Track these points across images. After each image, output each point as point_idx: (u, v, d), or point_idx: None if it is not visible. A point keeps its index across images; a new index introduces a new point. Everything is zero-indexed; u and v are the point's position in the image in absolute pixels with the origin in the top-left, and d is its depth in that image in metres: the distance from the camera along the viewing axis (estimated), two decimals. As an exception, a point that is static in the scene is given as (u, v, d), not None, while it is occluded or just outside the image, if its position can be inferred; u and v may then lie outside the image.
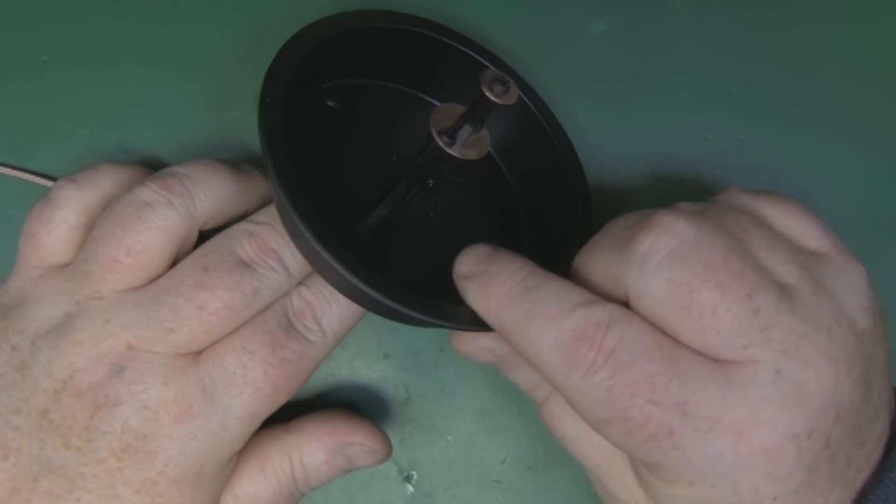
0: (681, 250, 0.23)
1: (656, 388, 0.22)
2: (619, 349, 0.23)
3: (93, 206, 0.29)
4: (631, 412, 0.22)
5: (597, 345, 0.23)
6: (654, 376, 0.22)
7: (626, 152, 0.36)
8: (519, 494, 0.34)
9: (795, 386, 0.22)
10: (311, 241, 0.24)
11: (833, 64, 0.37)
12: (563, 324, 0.23)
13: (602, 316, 0.23)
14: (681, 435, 0.22)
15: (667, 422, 0.22)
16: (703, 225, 0.24)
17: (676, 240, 0.23)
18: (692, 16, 0.37)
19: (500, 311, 0.25)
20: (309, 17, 0.35)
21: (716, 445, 0.22)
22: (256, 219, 0.28)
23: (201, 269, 0.27)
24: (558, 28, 0.37)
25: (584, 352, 0.23)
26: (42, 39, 0.34)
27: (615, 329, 0.23)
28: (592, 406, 0.23)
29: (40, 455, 0.25)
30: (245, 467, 0.28)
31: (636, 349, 0.23)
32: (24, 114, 0.34)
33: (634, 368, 0.22)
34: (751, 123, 0.36)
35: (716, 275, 0.23)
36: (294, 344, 0.27)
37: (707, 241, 0.23)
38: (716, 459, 0.22)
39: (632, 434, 0.23)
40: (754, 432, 0.22)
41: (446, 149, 0.27)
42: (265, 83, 0.27)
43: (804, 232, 0.26)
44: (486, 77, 0.25)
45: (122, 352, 0.26)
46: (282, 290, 0.28)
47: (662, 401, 0.22)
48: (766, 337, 0.22)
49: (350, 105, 0.32)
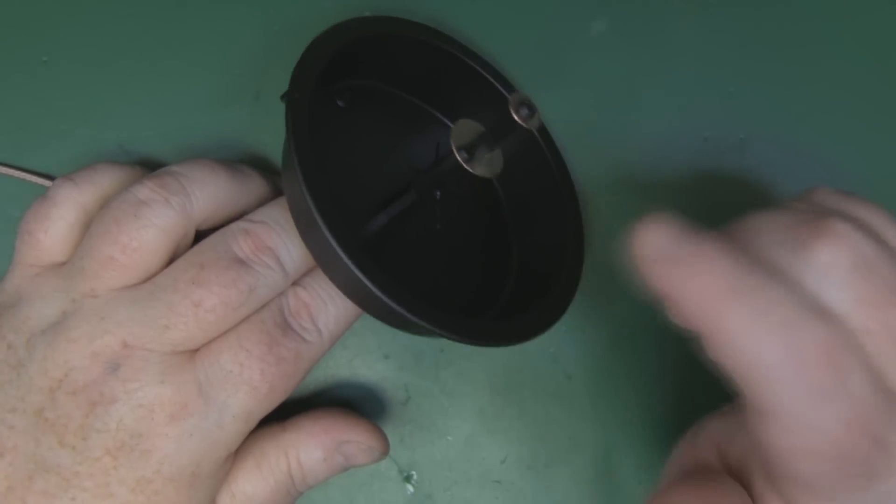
0: (864, 267, 0.22)
1: (871, 422, 0.20)
2: (843, 368, 0.20)
3: (90, 205, 0.29)
4: (857, 452, 0.20)
5: (840, 369, 0.20)
6: (869, 408, 0.20)
7: (625, 152, 0.36)
8: (519, 494, 0.34)
9: None
10: (333, 244, 0.24)
11: (834, 64, 0.37)
12: (803, 335, 0.20)
13: (844, 336, 0.21)
14: (878, 473, 0.21)
15: (876, 462, 0.21)
16: (876, 241, 0.22)
17: (857, 254, 0.22)
18: (692, 15, 0.37)
19: (716, 306, 0.21)
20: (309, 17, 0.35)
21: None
22: (253, 217, 0.28)
23: (197, 266, 0.26)
24: (558, 28, 0.37)
25: (823, 374, 0.20)
26: (42, 39, 0.34)
27: (853, 353, 0.21)
28: (814, 436, 0.20)
29: (35, 454, 0.25)
30: (242, 466, 0.28)
31: (857, 370, 0.20)
32: (24, 113, 0.34)
33: (869, 402, 0.20)
34: (751, 123, 0.36)
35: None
36: (291, 343, 0.27)
37: (885, 260, 0.22)
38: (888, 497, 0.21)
39: (843, 471, 0.21)
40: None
41: (464, 164, 0.27)
42: (294, 76, 0.27)
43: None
44: (514, 100, 0.25)
45: (117, 349, 0.26)
46: (278, 287, 0.28)
47: (873, 435, 0.20)
48: None
49: (359, 107, 0.32)
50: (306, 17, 0.35)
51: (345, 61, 0.30)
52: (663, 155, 0.36)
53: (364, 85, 0.33)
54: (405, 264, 0.31)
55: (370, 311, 0.28)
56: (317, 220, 0.24)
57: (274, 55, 0.35)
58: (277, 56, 0.35)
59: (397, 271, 0.30)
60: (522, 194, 0.34)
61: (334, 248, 0.24)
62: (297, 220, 0.27)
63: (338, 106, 0.31)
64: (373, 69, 0.32)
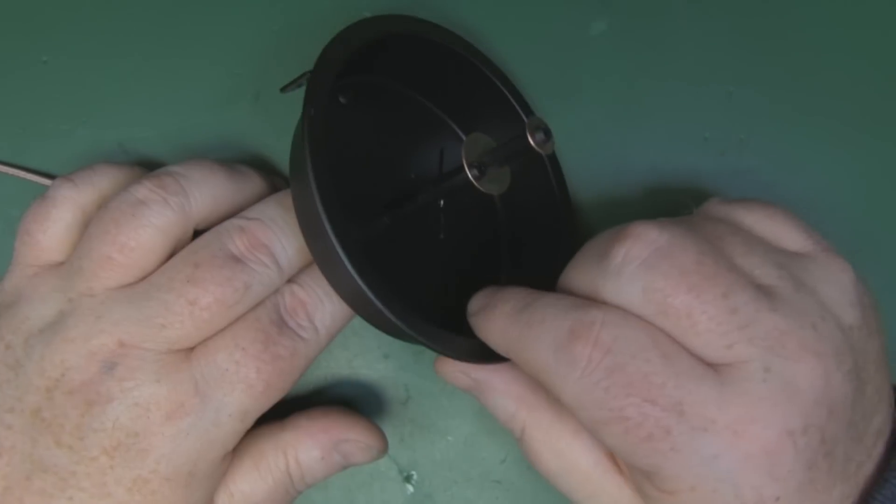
0: (654, 257, 0.24)
1: (652, 387, 0.22)
2: (615, 348, 0.23)
3: (89, 206, 0.29)
4: (628, 411, 0.22)
5: (591, 342, 0.23)
6: (651, 375, 0.22)
7: (625, 152, 0.36)
8: (519, 494, 0.34)
9: (786, 383, 0.22)
10: (343, 258, 0.25)
11: (833, 64, 0.37)
12: (560, 325, 0.24)
13: (597, 314, 0.23)
14: (678, 435, 0.22)
15: (664, 421, 0.22)
16: (675, 232, 0.24)
17: (650, 248, 0.24)
18: (692, 16, 0.37)
19: (503, 330, 0.26)
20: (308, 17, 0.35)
21: (713, 446, 0.22)
22: (248, 214, 0.28)
23: (192, 264, 0.26)
24: (558, 28, 0.37)
25: (579, 349, 0.23)
26: (42, 39, 0.34)
27: (611, 327, 0.23)
28: (591, 406, 0.23)
29: (33, 454, 0.25)
30: (240, 465, 0.28)
31: (632, 348, 0.23)
32: (24, 113, 0.34)
33: (631, 367, 0.23)
34: (751, 123, 0.36)
35: (689, 278, 0.23)
36: (287, 341, 0.27)
37: (679, 247, 0.24)
38: (714, 461, 0.22)
39: (629, 434, 0.23)
40: (750, 431, 0.22)
41: (475, 182, 0.28)
42: (309, 91, 0.27)
43: (784, 234, 0.26)
44: (531, 124, 0.26)
45: (113, 349, 0.26)
46: (273, 285, 0.28)
47: (659, 400, 0.22)
48: (748, 335, 0.23)
49: (361, 105, 0.32)
50: (306, 17, 0.35)
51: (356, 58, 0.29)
52: (663, 155, 0.36)
53: (370, 81, 0.32)
54: (402, 268, 0.31)
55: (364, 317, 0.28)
56: (327, 230, 0.24)
57: (274, 55, 0.35)
58: (277, 56, 0.35)
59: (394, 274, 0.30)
60: (522, 214, 0.34)
61: (343, 262, 0.25)
62: (303, 224, 0.27)
63: (340, 103, 0.31)
64: (384, 66, 0.32)
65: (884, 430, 0.25)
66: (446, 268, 0.32)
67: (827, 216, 0.32)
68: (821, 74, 0.37)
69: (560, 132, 0.34)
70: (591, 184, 0.35)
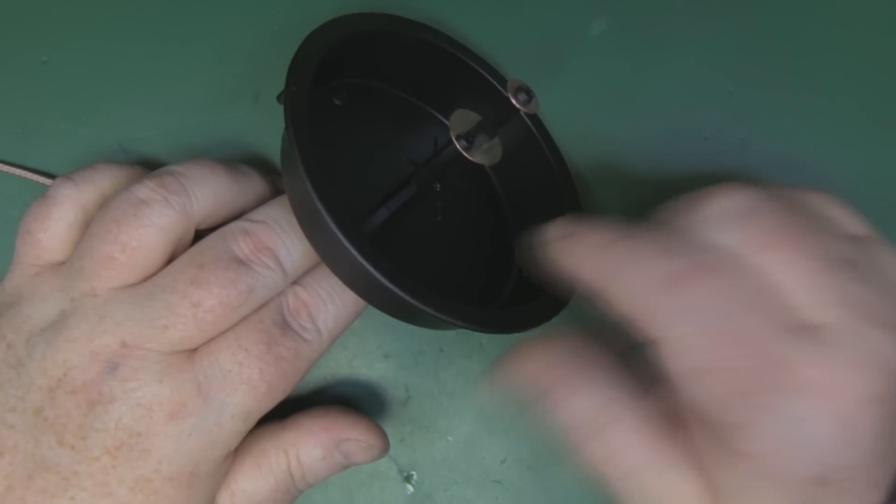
0: (754, 212, 0.24)
1: (760, 340, 0.22)
2: (725, 295, 0.22)
3: (90, 205, 0.29)
4: (734, 361, 0.22)
5: (704, 286, 0.22)
6: (760, 328, 0.22)
7: (625, 152, 0.36)
8: (519, 494, 0.34)
9: (873, 350, 0.22)
10: (338, 234, 0.24)
11: (834, 64, 0.37)
12: (669, 264, 0.23)
13: (709, 259, 0.23)
14: (776, 392, 0.22)
15: (768, 376, 0.22)
16: (769, 193, 0.24)
17: (747, 203, 0.24)
18: (692, 16, 0.37)
19: (594, 259, 0.25)
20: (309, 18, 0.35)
21: (806, 408, 0.22)
22: (252, 217, 0.28)
23: (197, 266, 0.26)
24: (558, 28, 0.37)
25: (690, 292, 0.22)
26: (42, 39, 0.34)
27: (723, 275, 0.23)
28: (694, 352, 0.22)
29: (35, 453, 0.25)
30: (241, 464, 0.28)
31: (741, 298, 0.22)
32: (24, 113, 0.34)
33: (741, 317, 0.22)
34: (751, 123, 0.36)
35: (791, 233, 0.23)
36: (290, 342, 0.27)
37: (777, 206, 0.24)
38: (802, 423, 0.22)
39: (731, 385, 0.22)
40: (840, 394, 0.22)
41: (464, 153, 0.27)
42: (291, 71, 0.27)
43: (846, 218, 0.26)
44: (511, 85, 0.26)
45: (116, 349, 0.26)
46: (277, 288, 0.28)
47: (767, 353, 0.22)
48: (843, 298, 0.22)
49: (355, 105, 0.32)
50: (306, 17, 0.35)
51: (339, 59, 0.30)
52: (663, 155, 0.36)
53: (360, 83, 0.33)
54: (408, 257, 0.31)
55: (375, 303, 0.28)
56: (320, 211, 0.24)
57: (273, 55, 0.35)
58: (277, 56, 0.35)
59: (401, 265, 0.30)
60: (520, 186, 0.34)
61: (339, 239, 0.24)
62: (299, 215, 0.27)
63: (335, 104, 0.31)
64: (365, 67, 0.32)
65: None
66: (453, 251, 0.32)
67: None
68: (821, 74, 0.37)
69: (560, 132, 0.34)
70: (591, 184, 0.35)
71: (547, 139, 0.34)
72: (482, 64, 0.34)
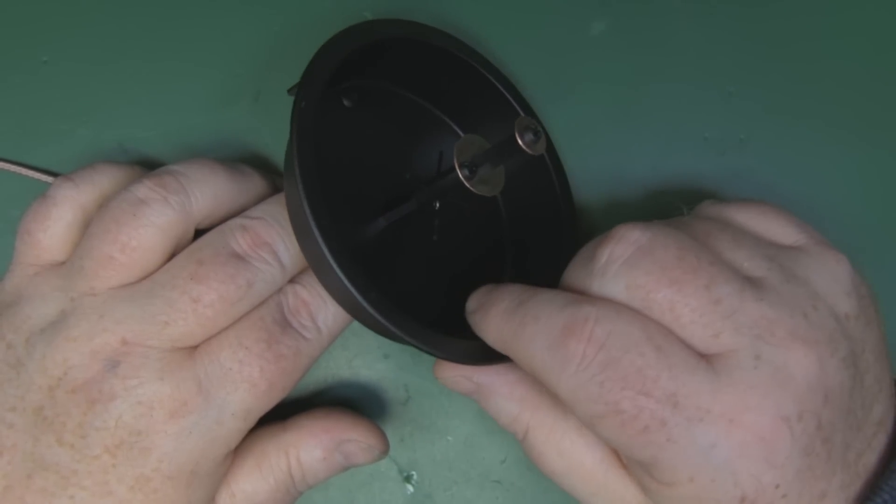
0: (636, 256, 0.24)
1: (646, 380, 0.22)
2: (608, 343, 0.23)
3: (89, 205, 0.29)
4: (623, 405, 0.23)
5: (585, 338, 0.23)
6: (644, 368, 0.23)
7: (625, 152, 0.36)
8: (519, 494, 0.34)
9: (777, 369, 0.23)
10: (327, 256, 0.25)
11: (834, 64, 0.37)
12: (555, 322, 0.24)
13: (590, 311, 0.24)
14: (674, 426, 0.22)
15: (658, 413, 0.22)
16: (658, 231, 0.25)
17: (632, 247, 0.24)
18: (692, 16, 0.37)
19: (499, 327, 0.26)
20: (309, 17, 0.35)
21: (709, 435, 0.22)
22: (250, 213, 0.28)
23: (196, 262, 0.27)
24: (558, 28, 0.37)
25: (573, 346, 0.23)
26: (42, 39, 0.34)
27: (604, 323, 0.23)
28: (586, 402, 0.23)
29: (34, 452, 0.25)
30: (242, 465, 0.28)
31: (626, 342, 0.23)
32: (24, 113, 0.34)
33: (625, 361, 0.23)
34: (751, 123, 0.36)
35: (670, 273, 0.24)
36: (290, 340, 0.27)
37: (661, 244, 0.24)
38: (711, 450, 0.22)
39: (626, 427, 0.23)
40: (745, 419, 0.22)
41: (466, 182, 0.27)
42: (303, 84, 0.27)
43: (776, 229, 0.27)
44: (520, 124, 0.25)
45: (116, 347, 0.26)
46: (276, 283, 0.28)
47: (653, 392, 0.22)
48: (734, 324, 0.23)
49: (365, 108, 0.32)
50: (306, 17, 0.35)
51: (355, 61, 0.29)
52: (663, 155, 0.36)
53: (373, 85, 0.33)
54: (398, 272, 0.31)
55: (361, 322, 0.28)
56: (313, 230, 0.25)
57: (274, 55, 0.35)
58: (277, 56, 0.35)
59: (389, 277, 0.30)
60: (522, 210, 0.34)
61: (328, 260, 0.25)
62: (293, 224, 0.28)
63: (343, 105, 0.31)
64: (384, 70, 0.32)
65: (885, 421, 0.25)
66: (445, 271, 0.32)
67: (827, 216, 0.32)
68: (821, 75, 0.37)
69: (560, 133, 0.34)
70: (591, 184, 0.35)
71: (557, 167, 0.33)
72: (507, 85, 0.33)
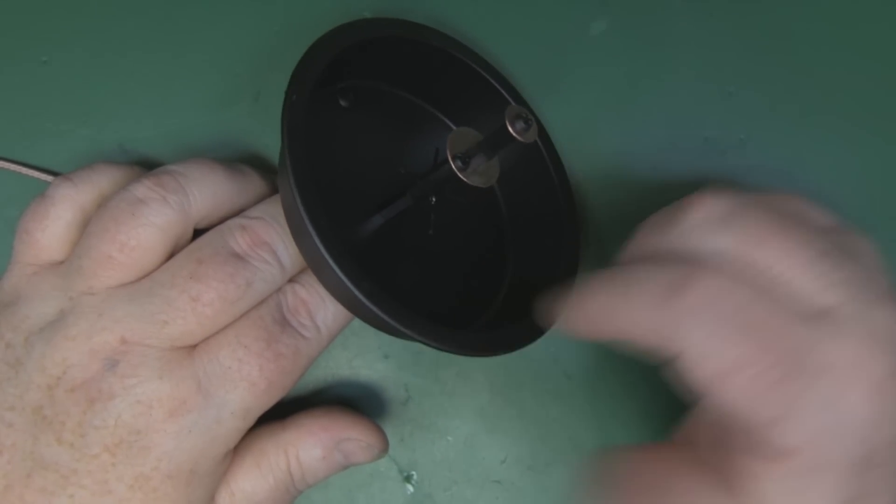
0: (735, 214, 0.24)
1: (773, 331, 0.22)
2: (723, 295, 0.22)
3: (88, 205, 0.29)
4: (758, 355, 0.22)
5: (701, 289, 0.22)
6: (768, 319, 0.22)
7: (626, 152, 0.36)
8: (519, 494, 0.34)
9: (878, 325, 0.22)
10: (322, 251, 0.25)
11: (834, 63, 0.37)
12: (661, 279, 0.23)
13: (695, 267, 0.23)
14: (801, 379, 0.22)
15: (791, 364, 0.22)
16: (744, 197, 0.25)
17: (728, 206, 0.24)
18: (692, 16, 0.37)
19: (601, 313, 0.25)
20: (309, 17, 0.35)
21: (834, 388, 0.22)
22: (250, 213, 0.29)
23: (195, 261, 0.27)
24: (558, 28, 0.37)
25: (691, 298, 0.22)
26: (42, 39, 0.34)
27: (713, 277, 0.22)
28: (714, 355, 0.22)
29: (34, 451, 0.25)
30: (241, 464, 0.28)
31: (740, 295, 0.22)
32: (24, 113, 0.34)
33: (747, 312, 0.22)
34: (751, 123, 0.36)
35: (775, 224, 0.23)
36: (289, 339, 0.27)
37: (755, 207, 0.24)
38: (835, 405, 0.22)
39: (758, 380, 0.22)
40: (864, 371, 0.22)
41: (459, 174, 0.27)
42: (292, 80, 0.27)
43: (815, 214, 0.27)
44: (510, 112, 0.26)
45: (115, 346, 0.26)
46: (275, 282, 0.28)
47: (783, 342, 0.22)
48: (841, 277, 0.23)
49: (361, 107, 0.32)
50: (306, 17, 0.35)
51: (349, 61, 0.30)
52: (664, 155, 0.36)
53: (368, 85, 0.33)
54: (396, 268, 0.31)
55: (359, 316, 0.28)
56: (307, 226, 0.25)
57: (274, 56, 0.35)
58: (277, 57, 0.35)
59: (388, 274, 0.30)
60: (521, 203, 0.34)
61: (323, 255, 0.25)
62: (288, 222, 0.28)
63: (340, 105, 0.31)
64: (378, 70, 0.32)
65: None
66: (443, 265, 0.32)
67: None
68: (821, 74, 0.37)
69: (560, 133, 0.34)
70: (591, 184, 0.35)
71: (553, 156, 0.33)
72: (497, 77, 0.33)
